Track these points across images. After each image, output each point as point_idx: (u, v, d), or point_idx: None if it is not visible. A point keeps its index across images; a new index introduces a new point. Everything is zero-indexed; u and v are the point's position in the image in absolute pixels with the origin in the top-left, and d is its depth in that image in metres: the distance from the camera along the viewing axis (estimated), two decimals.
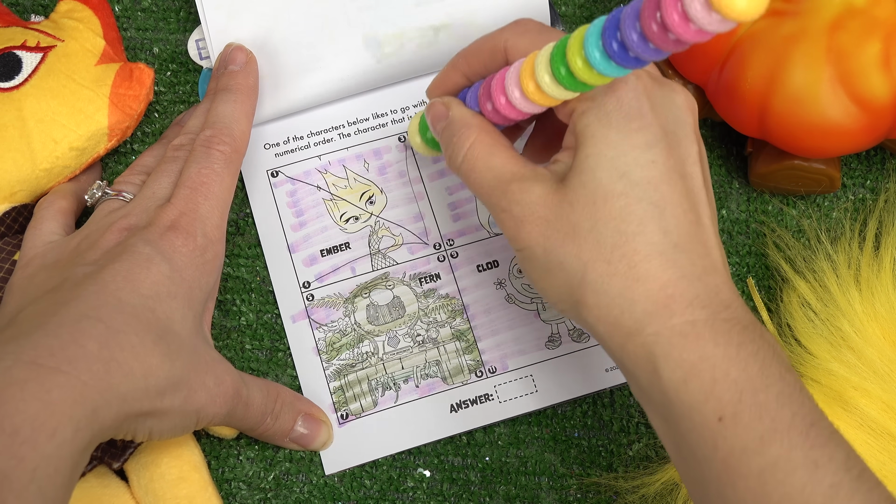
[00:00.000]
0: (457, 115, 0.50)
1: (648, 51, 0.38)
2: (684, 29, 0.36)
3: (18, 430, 0.40)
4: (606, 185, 0.43)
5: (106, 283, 0.47)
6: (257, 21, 0.59)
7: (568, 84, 0.43)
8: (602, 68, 0.41)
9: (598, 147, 0.44)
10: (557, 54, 0.43)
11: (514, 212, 0.46)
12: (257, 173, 0.60)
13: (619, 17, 0.39)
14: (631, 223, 0.43)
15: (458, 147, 0.48)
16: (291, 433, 0.53)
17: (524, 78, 0.46)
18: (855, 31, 0.51)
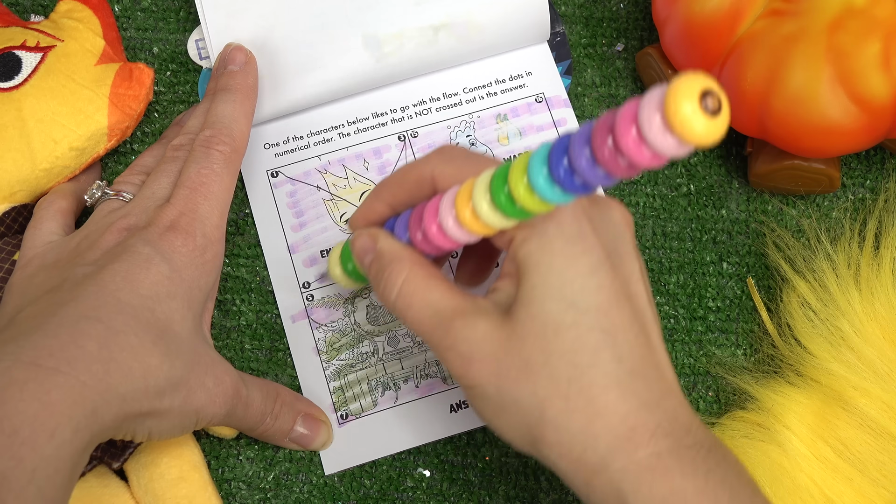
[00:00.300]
0: (385, 246, 0.47)
1: (597, 176, 0.36)
2: (638, 152, 0.34)
3: (18, 431, 0.40)
4: (556, 316, 0.42)
5: (105, 283, 0.47)
6: (257, 21, 0.59)
7: (508, 211, 0.41)
8: (546, 194, 0.39)
9: (543, 276, 0.42)
10: (498, 179, 0.41)
11: (461, 350, 0.43)
12: (257, 173, 0.60)
13: (567, 141, 0.37)
14: (584, 354, 0.41)
15: (391, 282, 0.46)
16: (291, 433, 0.53)
17: (460, 205, 0.43)
18: (855, 31, 0.51)
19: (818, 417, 0.53)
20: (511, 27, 0.61)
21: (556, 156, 0.38)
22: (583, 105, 0.62)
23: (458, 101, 0.62)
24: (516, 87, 0.62)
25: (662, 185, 0.60)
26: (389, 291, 0.46)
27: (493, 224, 0.43)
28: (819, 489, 0.52)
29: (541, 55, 0.62)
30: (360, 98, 0.61)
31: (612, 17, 0.64)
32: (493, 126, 0.61)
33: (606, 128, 0.35)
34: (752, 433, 0.53)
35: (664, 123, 0.32)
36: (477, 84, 0.62)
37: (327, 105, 0.61)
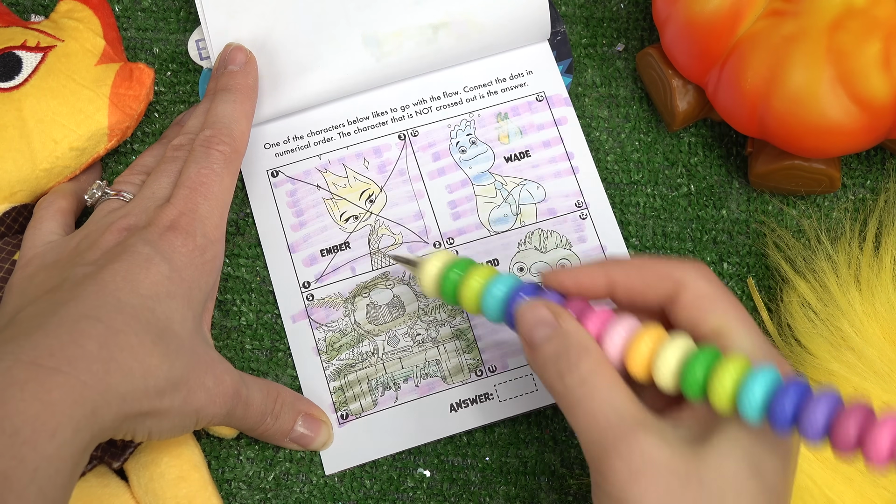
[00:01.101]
0: (573, 329, 0.44)
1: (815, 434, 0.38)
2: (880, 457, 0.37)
3: (19, 431, 0.40)
4: (742, 481, 0.41)
5: (105, 283, 0.47)
6: (257, 21, 0.59)
7: (691, 391, 0.42)
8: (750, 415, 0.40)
9: (743, 439, 0.41)
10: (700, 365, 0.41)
11: (633, 461, 0.40)
12: (257, 173, 0.60)
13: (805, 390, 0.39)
14: None
15: (575, 367, 0.43)
16: (291, 433, 0.53)
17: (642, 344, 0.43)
18: (855, 31, 0.51)
19: None
20: (511, 26, 0.61)
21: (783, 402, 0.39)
22: (583, 105, 0.62)
23: (458, 99, 0.62)
24: (517, 86, 0.62)
25: (663, 185, 0.60)
26: (571, 374, 0.43)
27: (660, 383, 0.43)
28: (819, 489, 0.52)
29: (541, 54, 0.62)
30: (360, 97, 0.61)
31: (613, 17, 0.64)
32: (493, 125, 0.61)
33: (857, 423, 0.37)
34: None
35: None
36: (477, 83, 0.62)
37: (327, 104, 0.61)
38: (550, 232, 0.59)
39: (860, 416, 0.37)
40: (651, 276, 0.45)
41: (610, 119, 0.62)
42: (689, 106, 0.58)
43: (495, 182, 0.60)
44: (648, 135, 0.61)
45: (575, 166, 0.60)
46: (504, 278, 0.48)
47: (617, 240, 0.59)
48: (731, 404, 0.41)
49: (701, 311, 0.44)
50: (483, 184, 0.60)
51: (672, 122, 0.59)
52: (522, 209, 0.59)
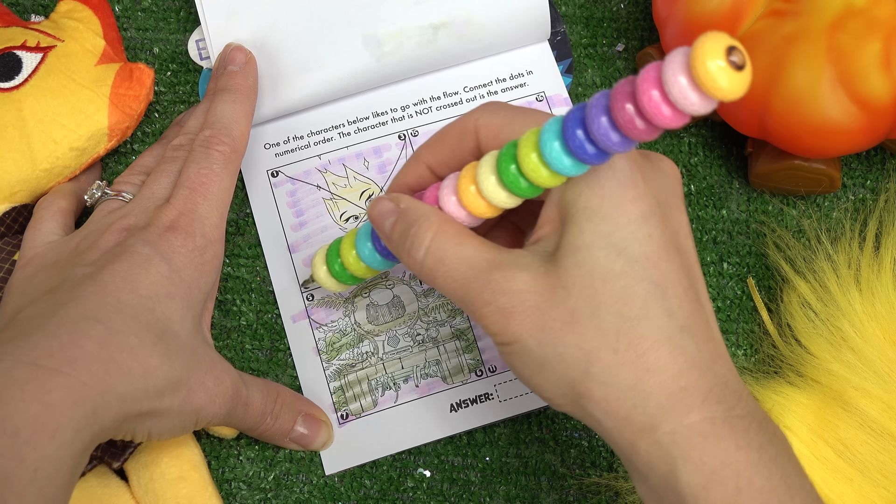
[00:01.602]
0: (411, 205, 0.45)
1: (613, 141, 0.37)
2: (659, 113, 0.34)
3: (19, 431, 0.40)
4: (604, 264, 0.40)
5: (105, 283, 0.47)
6: (257, 21, 0.59)
7: (515, 187, 0.41)
8: (559, 165, 0.39)
9: (592, 221, 0.40)
10: (506, 155, 0.41)
11: (500, 304, 0.41)
12: (257, 173, 0.60)
13: (580, 112, 0.38)
14: (634, 306, 0.40)
15: (418, 239, 0.43)
16: (291, 433, 0.53)
17: (463, 185, 0.43)
18: (855, 31, 0.51)
19: (818, 418, 0.53)
20: (511, 26, 0.61)
21: (571, 124, 0.38)
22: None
23: (458, 99, 0.62)
24: (517, 86, 0.62)
25: None
26: (417, 249, 0.43)
27: (498, 202, 0.42)
28: (819, 489, 0.52)
29: (541, 54, 0.62)
30: (361, 97, 0.61)
31: (613, 17, 0.64)
32: None
33: (625, 93, 0.35)
34: None
35: (690, 80, 0.33)
36: (477, 83, 0.62)
37: (327, 104, 0.61)
38: None
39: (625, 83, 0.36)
40: (452, 139, 0.46)
41: None
42: None
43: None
44: None
45: None
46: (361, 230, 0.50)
47: None
48: (543, 170, 0.40)
49: (498, 139, 0.44)
50: None
51: None
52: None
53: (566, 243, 0.41)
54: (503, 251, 0.42)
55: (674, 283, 0.40)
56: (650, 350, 0.40)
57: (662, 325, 0.40)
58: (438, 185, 0.46)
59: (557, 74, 0.62)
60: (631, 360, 0.40)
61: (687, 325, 0.40)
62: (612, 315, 0.40)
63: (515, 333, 0.41)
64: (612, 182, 0.40)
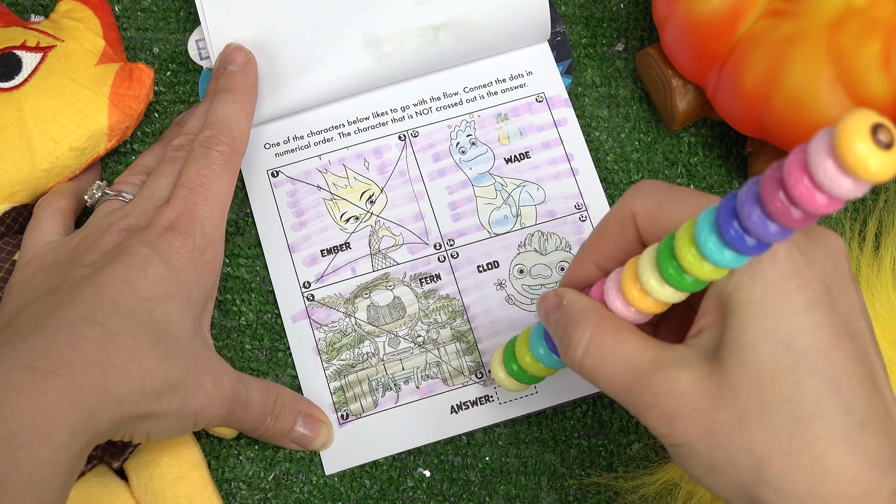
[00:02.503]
0: (571, 300, 0.43)
1: (771, 232, 0.35)
2: (812, 200, 0.32)
3: (14, 434, 0.40)
4: (771, 361, 0.38)
5: (103, 284, 0.47)
6: (257, 21, 0.59)
7: (678, 284, 0.40)
8: (718, 260, 0.37)
9: (755, 315, 0.38)
10: (664, 252, 0.40)
11: (664, 406, 0.39)
12: (257, 173, 0.60)
13: (733, 202, 0.36)
14: (806, 405, 0.37)
15: (576, 338, 0.42)
16: (291, 434, 0.53)
17: (627, 285, 0.42)
18: (855, 31, 0.51)
19: None
20: (511, 27, 0.61)
21: (725, 218, 0.36)
22: (583, 105, 0.62)
23: (458, 100, 0.62)
24: (517, 87, 0.62)
25: None
26: (575, 349, 0.42)
27: (664, 299, 0.41)
28: None
29: (541, 55, 0.62)
30: (361, 98, 0.61)
31: (613, 17, 0.64)
32: (493, 125, 0.61)
33: (775, 182, 0.34)
34: None
35: (838, 165, 0.31)
36: (477, 83, 0.62)
37: (327, 105, 0.61)
38: (550, 234, 0.59)
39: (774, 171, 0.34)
40: (612, 232, 0.44)
41: (610, 119, 0.62)
42: (689, 106, 0.58)
43: (495, 183, 0.60)
44: (648, 135, 0.61)
45: (574, 168, 0.60)
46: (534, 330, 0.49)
47: None
48: (703, 264, 0.38)
49: (659, 227, 0.43)
50: (483, 185, 0.60)
51: (672, 122, 0.59)
52: (522, 211, 0.59)
53: (729, 340, 0.39)
54: (665, 348, 0.41)
55: (847, 374, 0.38)
56: (826, 452, 0.37)
57: (838, 423, 0.37)
58: (603, 280, 0.44)
59: (557, 75, 0.62)
60: (806, 464, 0.37)
61: (865, 421, 0.38)
62: (783, 416, 0.38)
63: (682, 436, 0.39)
64: (774, 271, 0.38)
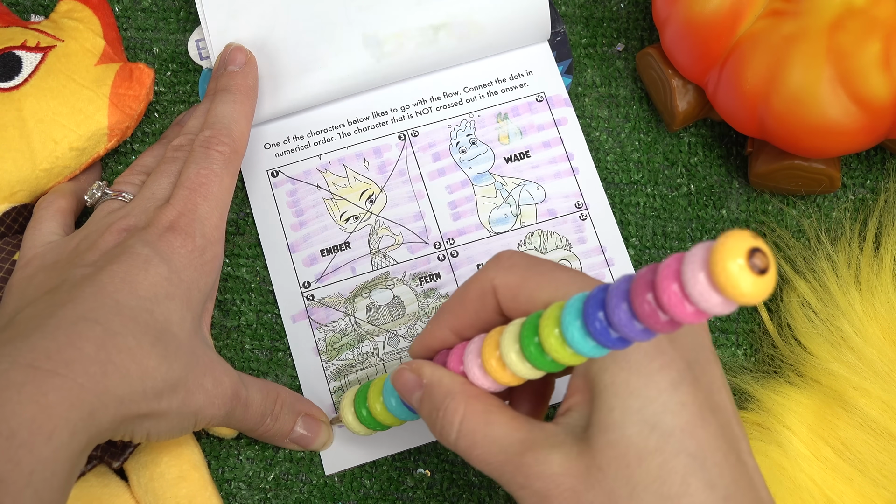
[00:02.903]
0: (435, 380, 0.43)
1: (635, 331, 0.35)
2: (680, 309, 0.32)
3: (15, 433, 0.40)
4: (637, 441, 0.38)
5: (104, 284, 0.47)
6: (257, 21, 0.59)
7: (537, 363, 0.40)
8: (580, 347, 0.37)
9: (620, 398, 0.39)
10: (528, 328, 0.40)
11: (536, 487, 0.40)
12: (257, 173, 0.60)
13: (603, 294, 0.36)
14: (673, 484, 0.38)
15: (448, 422, 0.42)
16: (292, 434, 0.53)
17: (486, 353, 0.42)
18: (855, 31, 0.51)
19: (818, 417, 0.53)
20: (511, 26, 0.61)
21: (592, 308, 0.36)
22: (583, 105, 0.62)
23: (458, 100, 0.62)
24: (517, 87, 0.62)
25: (662, 186, 0.60)
26: (448, 432, 0.42)
27: (522, 374, 0.41)
28: (819, 489, 0.52)
29: (541, 54, 0.62)
30: (361, 97, 0.61)
31: (613, 17, 0.64)
32: (493, 125, 0.61)
33: (646, 283, 0.33)
34: (752, 433, 0.53)
35: (710, 281, 0.31)
36: (477, 83, 0.62)
37: (327, 105, 0.61)
38: (550, 233, 0.59)
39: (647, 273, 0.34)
40: (473, 302, 0.44)
41: (610, 119, 0.62)
42: (689, 106, 0.58)
43: (495, 182, 0.60)
44: (648, 135, 0.61)
45: (575, 167, 0.60)
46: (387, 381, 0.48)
47: (617, 240, 0.59)
48: (565, 349, 0.38)
49: (521, 302, 0.43)
50: (483, 184, 0.60)
51: (672, 122, 0.59)
52: (522, 210, 0.59)
53: (596, 421, 0.39)
54: (535, 428, 0.41)
55: (713, 449, 0.39)
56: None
57: (705, 499, 0.38)
58: (462, 346, 0.45)
59: (557, 75, 0.62)
60: None
61: (730, 494, 0.38)
62: (651, 495, 0.38)
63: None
64: (637, 352, 0.39)
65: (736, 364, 0.56)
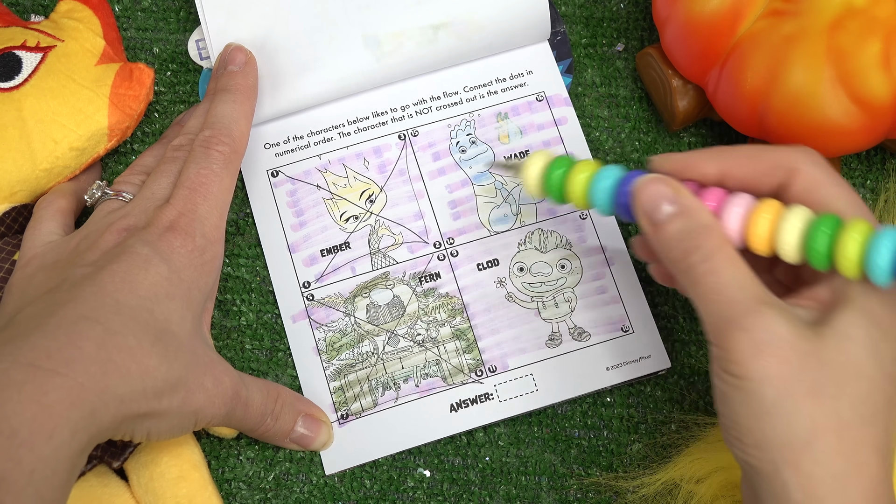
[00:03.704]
0: (696, 206, 0.44)
1: None
2: None
3: (16, 432, 0.40)
4: (864, 364, 0.41)
5: (104, 284, 0.47)
6: (257, 21, 0.59)
7: (819, 263, 0.42)
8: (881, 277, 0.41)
9: (869, 325, 0.42)
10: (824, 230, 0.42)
11: (757, 336, 0.41)
12: (257, 173, 0.60)
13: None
14: (868, 409, 0.41)
15: (698, 248, 0.43)
16: (292, 434, 0.53)
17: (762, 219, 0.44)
18: (855, 31, 0.51)
19: None
20: (511, 26, 0.61)
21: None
22: (583, 105, 0.62)
23: (458, 99, 0.62)
24: (517, 86, 0.62)
25: None
26: (693, 253, 0.43)
27: (784, 256, 0.43)
28: None
29: (541, 54, 0.62)
30: (361, 97, 0.61)
31: (613, 17, 0.64)
32: (493, 125, 0.61)
33: None
34: None
35: None
36: (477, 83, 0.62)
37: (327, 104, 0.61)
38: (550, 232, 0.59)
39: None
40: (763, 165, 0.46)
41: (610, 119, 0.62)
42: (689, 106, 0.58)
43: (495, 182, 0.60)
44: (648, 135, 0.61)
45: None
46: (609, 168, 0.48)
47: (617, 239, 0.59)
48: (858, 267, 0.41)
49: (815, 196, 0.45)
50: (483, 184, 0.60)
51: (672, 122, 0.59)
52: (522, 209, 0.59)
53: (838, 323, 0.42)
54: (773, 296, 0.43)
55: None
56: (865, 453, 0.41)
57: (880, 438, 0.41)
58: (722, 193, 0.45)
59: (557, 74, 0.62)
60: (848, 452, 0.40)
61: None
62: (850, 408, 0.41)
63: (759, 371, 0.41)
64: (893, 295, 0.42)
65: None
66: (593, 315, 0.57)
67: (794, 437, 0.41)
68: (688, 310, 0.58)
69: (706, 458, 0.53)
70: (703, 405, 0.56)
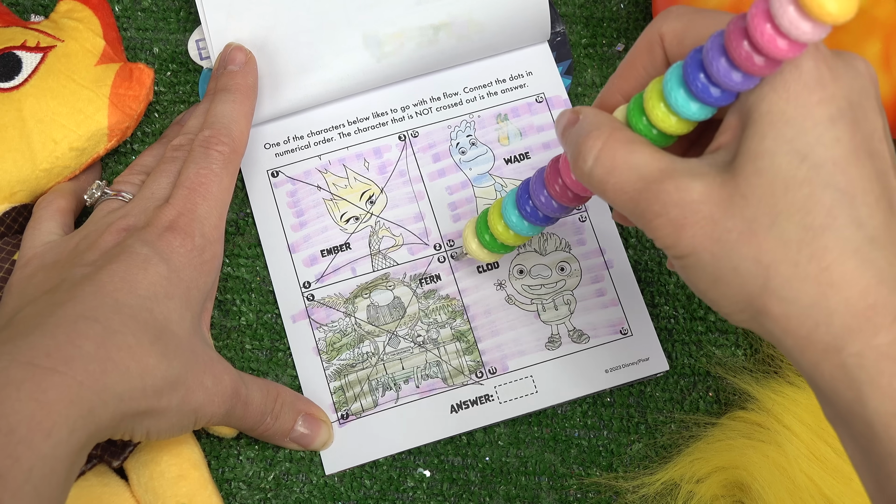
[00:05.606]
0: (588, 114, 0.43)
1: (735, 81, 0.37)
2: (774, 45, 0.35)
3: (14, 430, 0.40)
4: (787, 170, 0.37)
5: (103, 283, 0.47)
6: (257, 21, 0.59)
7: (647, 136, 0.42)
8: (686, 112, 0.40)
9: (774, 125, 0.38)
10: (635, 109, 0.42)
11: (672, 215, 0.39)
12: (257, 173, 0.60)
13: (698, 56, 0.38)
14: (818, 215, 0.37)
15: (587, 148, 0.41)
16: (292, 433, 0.53)
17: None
18: (855, 31, 0.51)
19: (818, 417, 0.53)
20: (511, 27, 0.61)
21: (692, 70, 0.39)
22: (583, 105, 0.62)
23: (458, 100, 0.62)
24: (517, 87, 0.62)
25: None
26: (585, 159, 0.41)
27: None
28: (818, 489, 0.52)
29: (541, 55, 0.62)
30: (361, 98, 0.61)
31: (613, 17, 0.64)
32: (493, 126, 0.61)
33: (739, 31, 0.36)
34: (751, 433, 0.53)
35: (798, 10, 0.34)
36: (477, 84, 0.62)
37: (327, 105, 0.61)
38: (550, 234, 0.59)
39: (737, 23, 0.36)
40: (640, 56, 0.45)
41: None
42: None
43: (495, 184, 0.60)
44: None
45: None
46: (508, 196, 0.52)
47: (616, 242, 0.59)
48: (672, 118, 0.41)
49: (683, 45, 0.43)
50: (483, 185, 0.60)
51: None
52: None
53: (745, 150, 0.39)
54: (676, 160, 0.40)
55: (863, 190, 0.37)
56: (835, 263, 0.37)
57: (849, 235, 0.37)
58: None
59: (557, 75, 0.62)
60: (813, 274, 0.37)
61: (877, 237, 0.37)
62: (794, 225, 0.37)
63: (688, 246, 0.39)
64: (798, 84, 0.38)
65: (736, 364, 0.56)
66: (592, 317, 0.57)
67: (750, 288, 0.38)
68: (687, 310, 0.58)
69: (706, 458, 0.53)
70: (704, 405, 0.56)
